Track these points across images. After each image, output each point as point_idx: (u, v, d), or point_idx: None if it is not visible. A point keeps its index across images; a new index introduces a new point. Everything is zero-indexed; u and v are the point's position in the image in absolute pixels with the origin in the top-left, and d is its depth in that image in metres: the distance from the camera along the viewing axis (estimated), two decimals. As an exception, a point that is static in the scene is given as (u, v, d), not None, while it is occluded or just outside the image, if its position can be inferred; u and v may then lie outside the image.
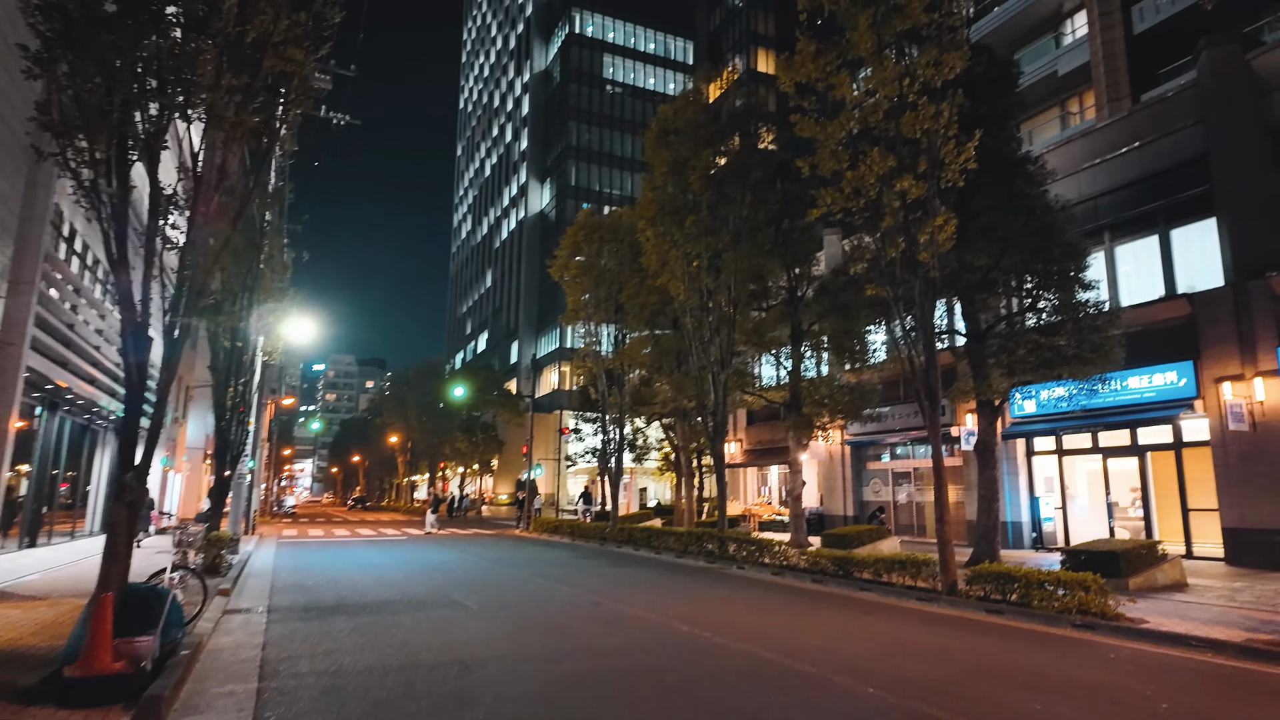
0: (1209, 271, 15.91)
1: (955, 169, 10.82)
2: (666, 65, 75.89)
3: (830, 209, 12.64)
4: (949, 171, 10.88)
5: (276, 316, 15.43)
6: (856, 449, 24.77)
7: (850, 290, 16.14)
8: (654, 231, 17.48)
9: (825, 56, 11.63)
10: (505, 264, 79.74)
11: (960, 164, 10.82)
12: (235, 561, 14.99)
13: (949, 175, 10.89)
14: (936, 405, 11.35)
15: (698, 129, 16.33)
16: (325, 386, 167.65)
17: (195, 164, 6.67)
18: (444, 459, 53.40)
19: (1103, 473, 17.58)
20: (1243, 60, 15.43)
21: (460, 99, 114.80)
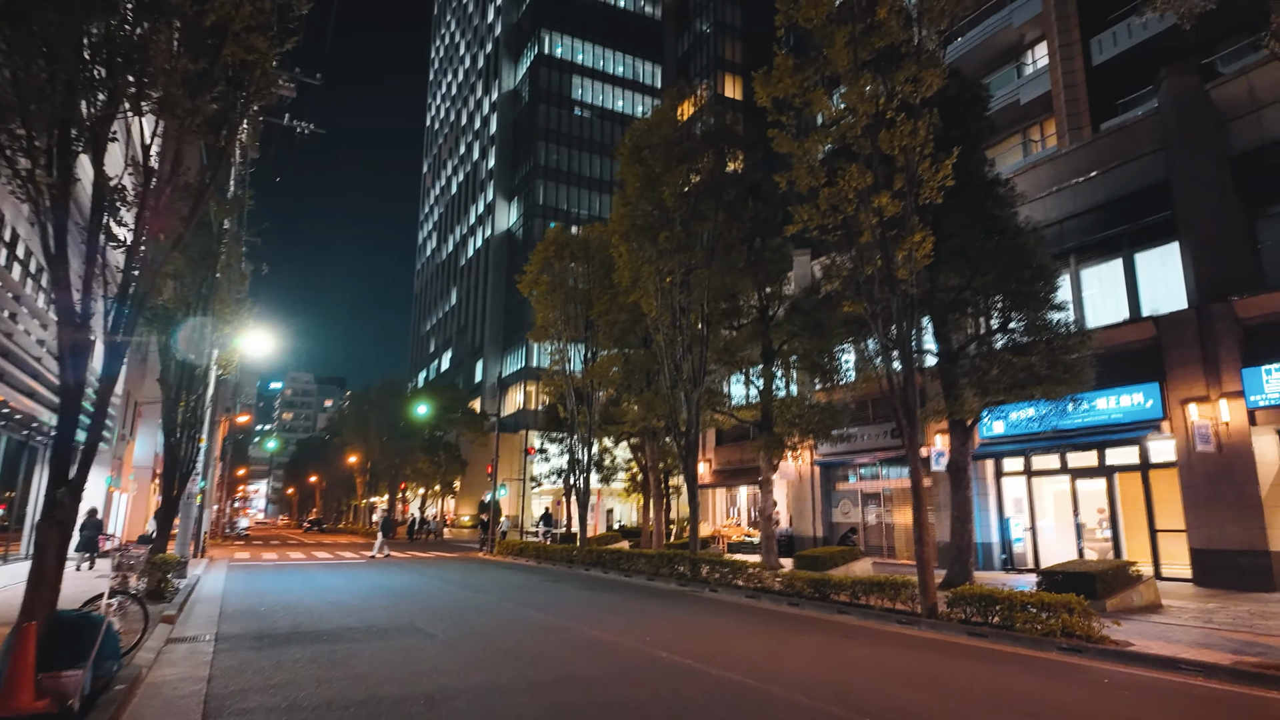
0: (1172, 295, 16.17)
1: (934, 186, 10.77)
2: (635, 88, 76.41)
3: (807, 225, 12.53)
4: (927, 189, 10.83)
5: (233, 328, 14.77)
6: (826, 469, 24.66)
7: (824, 309, 16.05)
8: (627, 247, 17.24)
9: (803, 72, 11.57)
10: (471, 282, 78.95)
11: (939, 181, 10.77)
12: (182, 586, 14.17)
13: (927, 193, 10.84)
14: (915, 424, 11.21)
15: (671, 145, 16.20)
16: (282, 405, 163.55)
17: (146, 156, 6.20)
18: (405, 480, 52.15)
19: (1071, 494, 17.66)
20: (1202, 91, 15.83)
21: (427, 116, 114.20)
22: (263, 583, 16.50)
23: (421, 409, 29.00)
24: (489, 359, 71.08)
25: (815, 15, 11.80)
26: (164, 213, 5.96)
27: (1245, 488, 14.02)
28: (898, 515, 22.15)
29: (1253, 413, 14.10)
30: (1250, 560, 13.83)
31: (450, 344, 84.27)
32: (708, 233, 16.27)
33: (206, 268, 13.33)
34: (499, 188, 74.34)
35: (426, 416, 32.83)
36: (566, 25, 73.22)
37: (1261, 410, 13.97)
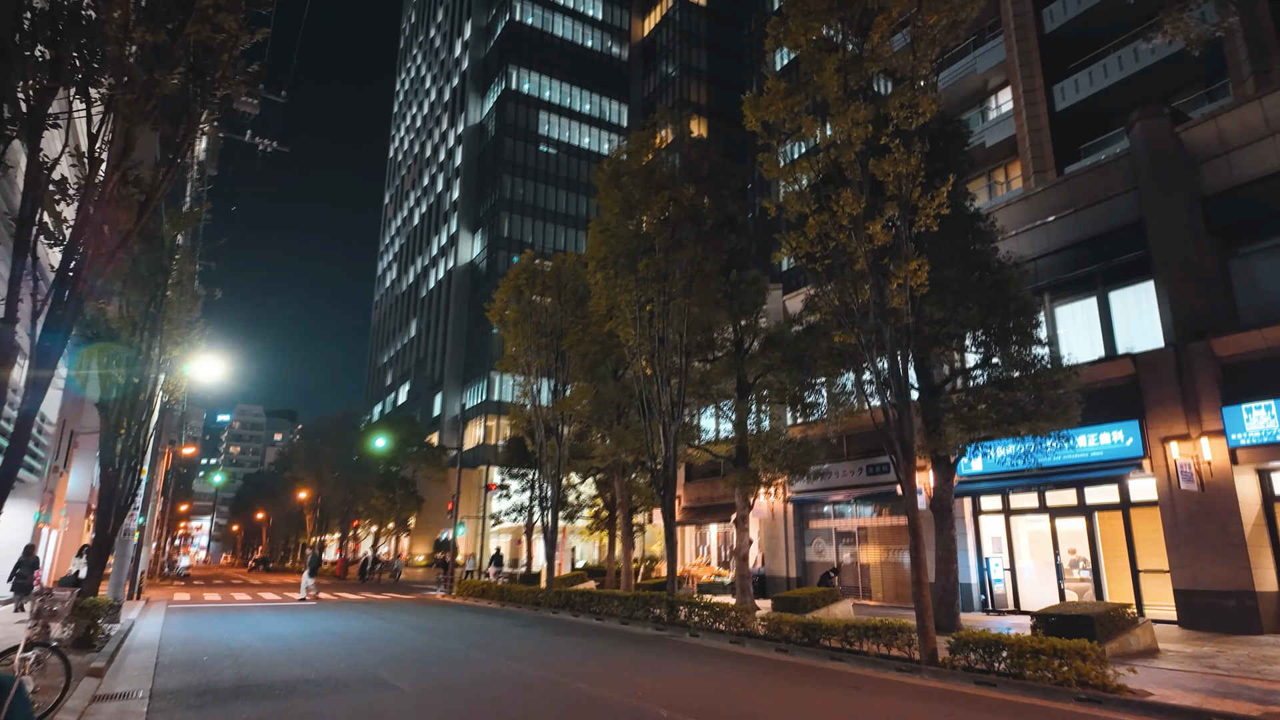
0: (1147, 333, 16.23)
1: (929, 213, 10.50)
2: (601, 126, 76.93)
3: (795, 252, 12.19)
4: (922, 216, 10.56)
5: (182, 352, 13.75)
6: (799, 507, 24.17)
7: (805, 340, 15.67)
8: (604, 275, 16.74)
9: (795, 97, 11.30)
10: (432, 314, 77.64)
11: (934, 209, 10.51)
12: (114, 632, 12.89)
13: (922, 220, 10.57)
14: (911, 460, 10.77)
15: (651, 171, 15.85)
16: (230, 438, 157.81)
17: (94, 144, 5.47)
18: (357, 517, 50.17)
19: (1051, 533, 17.41)
20: (1173, 133, 16.10)
21: (390, 148, 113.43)
22: (205, 627, 15.22)
23: (380, 442, 27.76)
24: (448, 392, 69.59)
25: (804, 41, 11.63)
26: (110, 201, 5.21)
27: (1229, 527, 13.88)
28: (874, 555, 21.69)
29: (1234, 451, 14.04)
30: (1236, 601, 13.64)
31: (408, 377, 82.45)
32: (687, 261, 15.84)
33: (156, 285, 12.39)
34: (463, 220, 73.68)
35: (384, 450, 31.54)
36: (534, 62, 73.67)
37: (1243, 449, 13.92)
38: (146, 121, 5.37)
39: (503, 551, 53.24)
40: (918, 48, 10.23)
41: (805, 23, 11.21)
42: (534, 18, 74.91)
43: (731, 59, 78.77)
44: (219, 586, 34.50)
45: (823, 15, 10.95)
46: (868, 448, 21.78)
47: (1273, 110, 14.67)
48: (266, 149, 19.50)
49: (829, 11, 10.95)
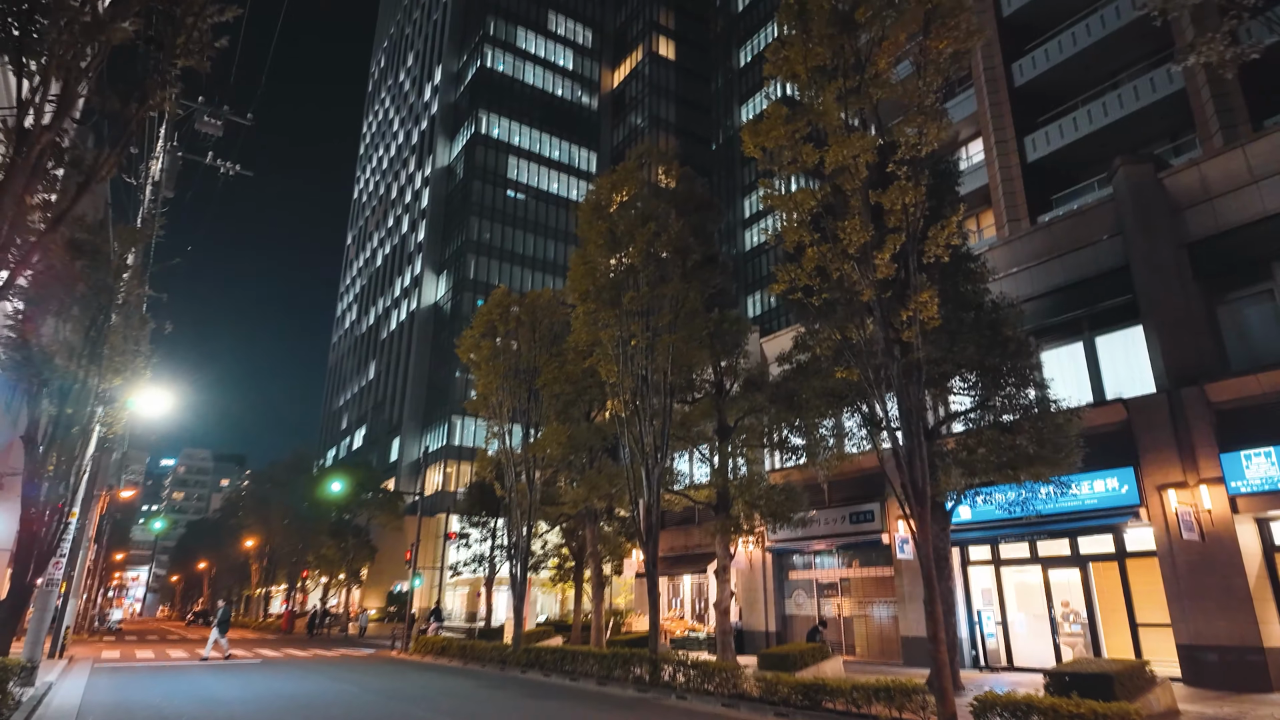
0: (1137, 378, 16.01)
1: (940, 244, 10.05)
2: (571, 172, 77.29)
3: (794, 283, 11.64)
4: (932, 246, 10.09)
5: (125, 382, 12.51)
6: (779, 557, 23.29)
7: (795, 379, 15.05)
8: (585, 309, 16.00)
9: (796, 122, 10.86)
10: (392, 356, 75.86)
11: (944, 239, 10.07)
12: (27, 698, 11.34)
13: (932, 250, 10.10)
14: (925, 502, 10.08)
15: (636, 203, 15.32)
16: (174, 484, 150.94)
17: (23, 112, 4.56)
18: (307, 567, 47.62)
19: (1044, 585, 16.82)
20: (1156, 179, 16.16)
21: (355, 189, 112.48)
22: (135, 690, 13.61)
23: (336, 485, 26.19)
24: (406, 437, 67.56)
25: (801, 70, 11.27)
26: (28, 171, 4.30)
27: (1232, 579, 13.43)
28: (857, 608, 20.84)
29: (1234, 499, 13.69)
30: (1243, 657, 13.10)
31: (365, 420, 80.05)
32: (672, 296, 15.22)
33: (99, 306, 11.27)
34: (428, 261, 72.70)
35: (340, 493, 29.86)
36: (504, 108, 74.02)
37: (1243, 497, 13.57)
38: (87, 78, 4.50)
39: (446, 605, 50.90)
40: (925, 74, 9.89)
41: (806, 48, 10.84)
42: (505, 65, 75.57)
43: (699, 112, 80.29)
44: (154, 643, 32.03)
45: (826, 40, 10.59)
46: (850, 495, 21.12)
47: (1256, 158, 14.79)
48: (228, 172, 18.56)
49: (832, 37, 10.59)
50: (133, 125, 5.14)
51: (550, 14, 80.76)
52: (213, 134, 18.44)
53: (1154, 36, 23.63)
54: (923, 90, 9.98)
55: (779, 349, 23.60)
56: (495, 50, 75.03)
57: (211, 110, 18.13)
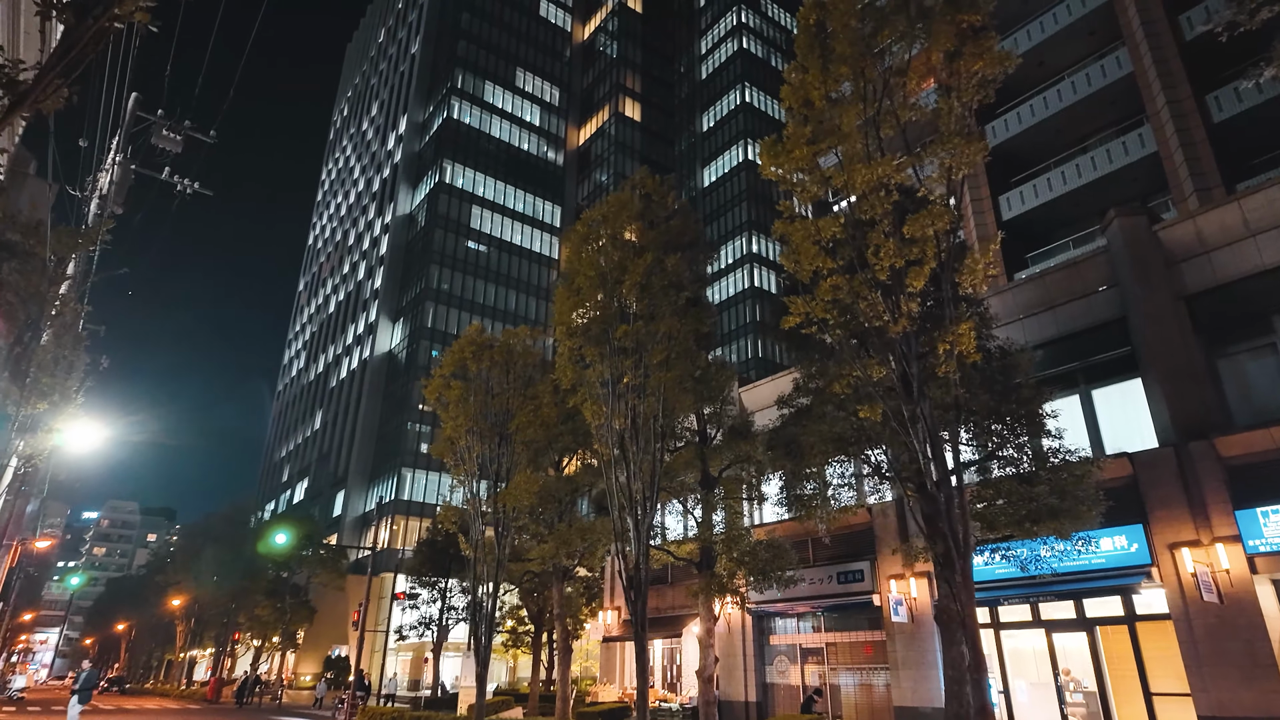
0: (1136, 432, 15.55)
1: (978, 272, 9.37)
2: (535, 225, 77.07)
3: (810, 314, 10.84)
4: (969, 276, 9.41)
5: (52, 408, 10.90)
6: (759, 620, 21.95)
7: (794, 425, 14.11)
8: (570, 344, 14.94)
9: (820, 143, 10.21)
10: (340, 405, 73.02)
11: (983, 268, 9.40)
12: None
13: (969, 280, 9.41)
14: (968, 555, 9.14)
15: (635, 234, 14.50)
16: (95, 538, 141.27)
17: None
18: (239, 628, 44.07)
19: (1048, 650, 15.90)
20: (1151, 232, 16.07)
21: (310, 235, 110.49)
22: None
23: (280, 537, 24.00)
24: (352, 490, 64.46)
25: (817, 98, 10.72)
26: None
27: (1256, 644, 12.70)
28: (845, 675, 19.55)
29: (1252, 559, 13.08)
30: (1272, 730, 12.28)
31: (308, 472, 76.42)
32: (665, 333, 14.30)
33: (27, 317, 9.78)
34: (384, 308, 70.90)
35: (285, 546, 27.49)
36: (469, 159, 73.86)
37: (1262, 557, 12.97)
38: None
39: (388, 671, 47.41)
40: (963, 93, 9.37)
41: (828, 71, 10.28)
42: (471, 117, 75.72)
43: (664, 172, 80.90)
44: (59, 713, 28.66)
45: (850, 60, 10.04)
46: (837, 553, 20.08)
47: (1253, 212, 14.77)
48: (185, 190, 17.23)
49: (856, 58, 10.06)
50: (88, 40, 4.02)
51: (518, 71, 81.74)
52: (171, 150, 17.17)
53: (1124, 103, 24.33)
54: (958, 111, 9.44)
55: (758, 400, 22.78)
56: (462, 102, 75.22)
57: (171, 124, 16.91)
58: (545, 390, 19.55)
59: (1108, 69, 24.36)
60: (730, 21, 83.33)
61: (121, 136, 15.12)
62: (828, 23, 10.56)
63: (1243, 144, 21.44)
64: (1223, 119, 21.52)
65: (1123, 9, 24.13)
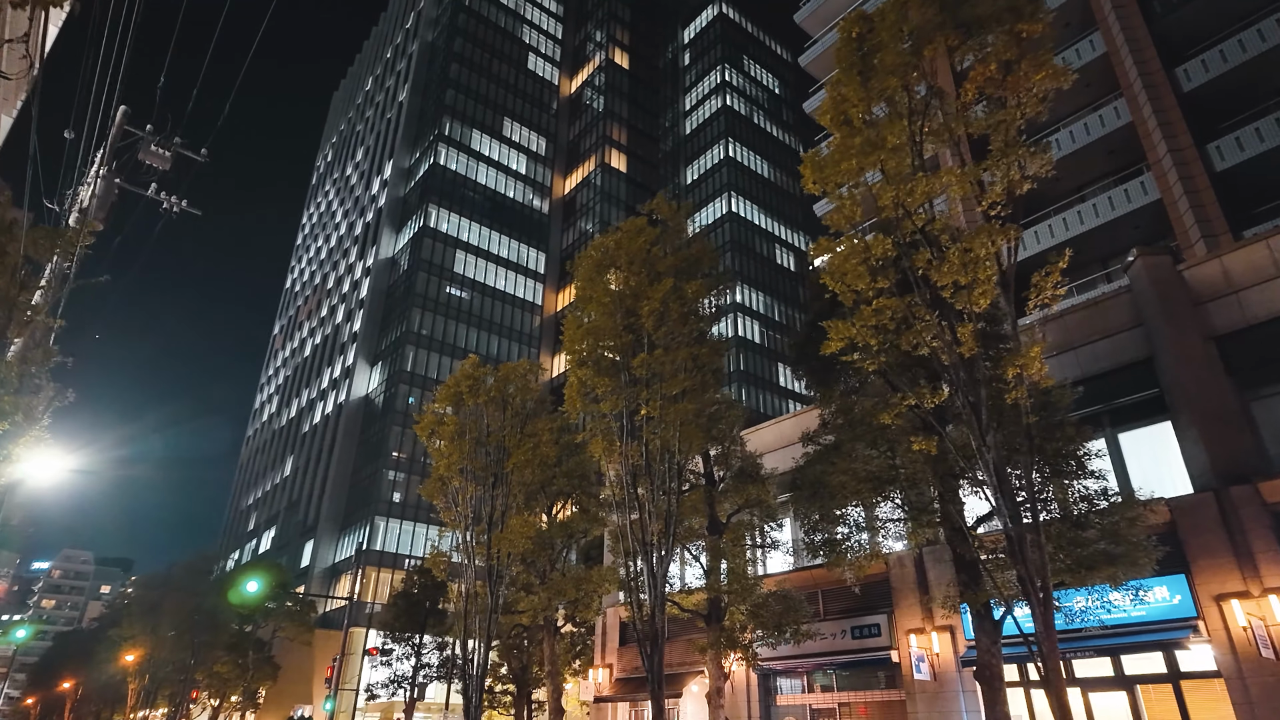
0: (1166, 477, 14.90)
1: (1047, 291, 8.72)
2: (518, 270, 76.63)
3: (853, 342, 10.09)
4: (1037, 295, 8.76)
5: (11, 429, 9.70)
6: (764, 679, 20.63)
7: (829, 460, 13.22)
8: (580, 375, 14.04)
9: (871, 155, 9.61)
10: (313, 451, 70.75)
11: (1051, 288, 8.76)
12: None
13: (1038, 298, 8.76)
14: (1049, 600, 8.20)
15: (652, 260, 13.77)
16: (46, 589, 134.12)
17: None
18: (196, 686, 41.28)
19: (1085, 710, 14.85)
20: (1176, 271, 15.72)
21: (288, 279, 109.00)
22: None
23: (252, 585, 22.22)
24: (322, 539, 61.92)
25: (857, 114, 10.21)
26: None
27: (1319, 704, 11.85)
28: (861, 738, 18.28)
29: (1309, 611, 12.31)
30: (1343, 800, 11.33)
31: (276, 520, 73.54)
32: (683, 362, 13.48)
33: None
34: (362, 351, 69.43)
35: (257, 595, 25.59)
36: (454, 204, 73.64)
37: (1320, 609, 12.22)
38: None
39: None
40: (1027, 102, 8.86)
41: (870, 86, 9.77)
42: (458, 164, 75.80)
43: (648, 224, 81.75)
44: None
45: (898, 72, 9.54)
46: (850, 606, 19.02)
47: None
48: (173, 208, 16.29)
49: (904, 69, 9.57)
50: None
51: (506, 121, 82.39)
52: (159, 166, 16.30)
53: (1123, 152, 24.49)
54: (1020, 123, 8.92)
55: (762, 443, 21.88)
56: (449, 149, 75.36)
57: (160, 140, 16.08)
58: (544, 427, 18.52)
59: (1106, 119, 24.57)
60: (714, 80, 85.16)
61: (107, 149, 14.23)
62: (871, 36, 10.10)
63: (1247, 191, 21.50)
64: (1225, 167, 21.61)
65: (1118, 61, 24.48)
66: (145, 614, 42.42)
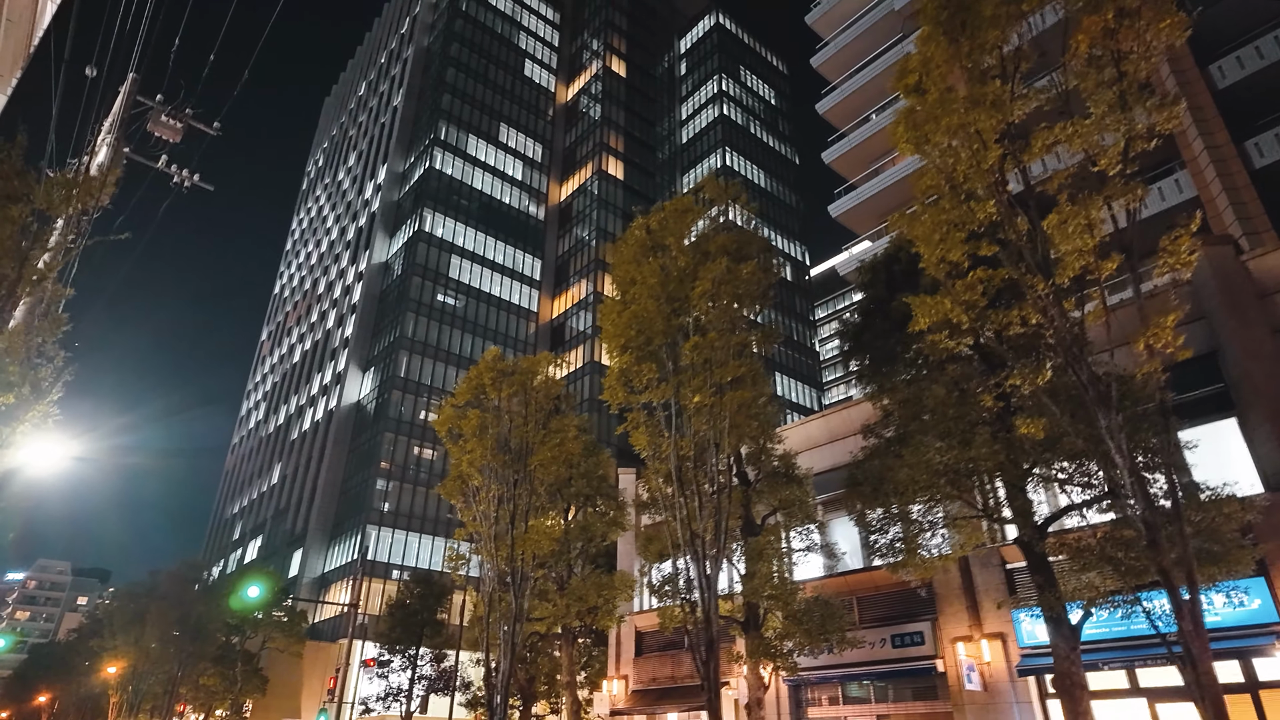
0: (1233, 475, 14.16)
1: (1181, 254, 7.96)
2: (513, 276, 75.66)
3: (950, 315, 9.27)
4: (1169, 258, 7.99)
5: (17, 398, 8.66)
6: (795, 690, 19.65)
7: (896, 453, 12.33)
8: (622, 363, 13.13)
9: (974, 112, 8.79)
10: (302, 458, 69.13)
11: (1184, 252, 7.99)
12: None
13: (1172, 263, 7.99)
14: (1196, 592, 7.37)
15: (702, 240, 12.93)
16: (20, 600, 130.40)
17: None
18: (182, 700, 39.65)
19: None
20: (1239, 262, 15.09)
21: (276, 284, 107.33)
22: None
23: (253, 590, 20.95)
24: (311, 549, 60.28)
25: (940, 73, 9.43)
26: None
27: None
28: (901, 753, 17.34)
29: None
30: None
31: (262, 529, 71.73)
32: (738, 347, 12.62)
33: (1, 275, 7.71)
34: (354, 357, 68.07)
35: (258, 599, 24.18)
36: (449, 209, 72.64)
37: None
38: None
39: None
40: (1151, 54, 8.12)
41: (974, 38, 8.99)
42: (453, 169, 74.87)
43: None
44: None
45: (1001, 23, 8.78)
46: (887, 613, 18.17)
47: (1357, 239, 13.86)
48: (184, 183, 15.30)
49: (1008, 19, 8.81)
50: None
51: (502, 126, 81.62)
52: (169, 139, 15.33)
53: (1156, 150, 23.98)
54: (1140, 77, 8.17)
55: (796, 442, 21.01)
56: (445, 153, 74.43)
57: (171, 110, 15.11)
58: (570, 424, 17.57)
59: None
60: (711, 89, 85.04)
61: (118, 112, 13.24)
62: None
63: (1288, 189, 21.03)
64: (1264, 164, 21.14)
65: (1149, 59, 24.04)
66: (129, 624, 40.79)
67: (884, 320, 13.18)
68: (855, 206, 30.63)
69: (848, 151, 32.31)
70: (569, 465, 17.68)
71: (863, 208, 30.73)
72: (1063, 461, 11.54)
